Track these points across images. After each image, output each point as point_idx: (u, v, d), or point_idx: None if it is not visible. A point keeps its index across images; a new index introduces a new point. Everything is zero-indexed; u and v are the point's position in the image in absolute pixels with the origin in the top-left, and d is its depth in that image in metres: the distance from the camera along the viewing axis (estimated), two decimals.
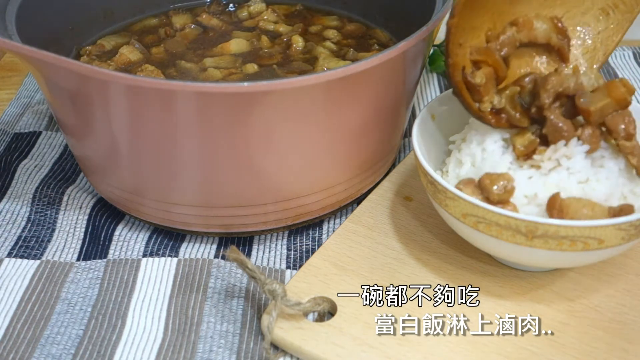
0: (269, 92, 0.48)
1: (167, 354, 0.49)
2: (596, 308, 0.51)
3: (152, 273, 0.55)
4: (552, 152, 0.49)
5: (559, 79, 0.49)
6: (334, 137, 0.53)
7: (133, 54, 0.66)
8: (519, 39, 0.53)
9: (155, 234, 0.60)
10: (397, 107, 0.58)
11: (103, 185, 0.59)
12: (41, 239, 0.59)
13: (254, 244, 0.59)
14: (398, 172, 0.64)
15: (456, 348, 0.48)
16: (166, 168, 0.53)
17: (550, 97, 0.49)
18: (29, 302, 0.53)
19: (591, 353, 0.47)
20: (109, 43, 0.69)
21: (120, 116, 0.50)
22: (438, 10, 0.57)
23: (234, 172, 0.52)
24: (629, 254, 0.55)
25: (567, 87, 0.49)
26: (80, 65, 0.47)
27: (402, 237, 0.57)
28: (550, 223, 0.45)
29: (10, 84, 0.85)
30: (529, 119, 0.51)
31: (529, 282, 0.53)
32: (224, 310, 0.52)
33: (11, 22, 0.56)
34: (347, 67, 0.48)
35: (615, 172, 0.50)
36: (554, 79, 0.49)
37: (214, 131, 0.50)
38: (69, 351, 0.49)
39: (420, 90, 0.82)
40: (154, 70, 0.63)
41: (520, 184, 0.49)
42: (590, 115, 0.49)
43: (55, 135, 0.73)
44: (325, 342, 0.48)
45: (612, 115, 0.49)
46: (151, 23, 0.74)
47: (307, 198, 0.56)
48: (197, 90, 0.47)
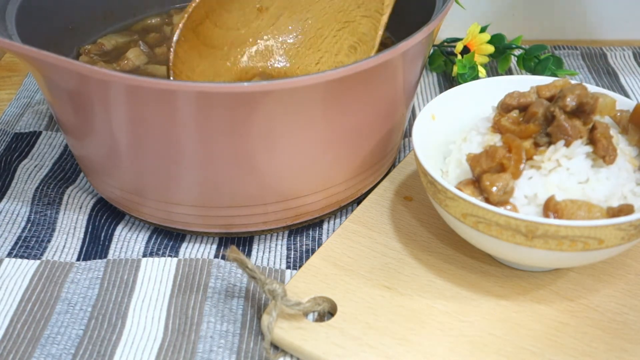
0: (269, 92, 0.48)
1: (167, 354, 0.49)
2: (596, 308, 0.51)
3: (152, 273, 0.55)
4: (552, 153, 0.50)
5: (585, 93, 0.50)
6: (334, 137, 0.53)
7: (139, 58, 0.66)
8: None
9: (155, 234, 0.60)
10: (397, 107, 0.58)
11: (103, 185, 0.59)
12: (41, 239, 0.59)
13: (254, 244, 0.59)
14: (398, 172, 0.64)
15: (456, 348, 0.48)
16: (166, 168, 0.53)
17: (573, 101, 0.49)
18: (29, 302, 0.53)
19: (591, 353, 0.47)
20: (109, 42, 0.69)
21: (120, 116, 0.50)
22: (438, 10, 0.57)
23: (234, 172, 0.52)
24: (629, 254, 0.55)
25: (587, 102, 0.49)
26: (80, 65, 0.47)
27: (402, 237, 0.57)
28: (550, 223, 0.45)
29: (10, 84, 0.85)
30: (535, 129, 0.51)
31: (529, 282, 0.53)
32: (224, 310, 0.52)
33: (11, 22, 0.56)
34: (347, 67, 0.48)
35: (615, 173, 0.50)
36: (579, 91, 0.50)
37: (214, 131, 0.50)
38: (69, 351, 0.49)
39: (420, 90, 0.82)
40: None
41: (520, 184, 0.49)
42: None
43: (55, 135, 0.73)
44: (325, 342, 0.48)
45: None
46: (152, 23, 0.74)
47: (307, 198, 0.56)
48: (197, 90, 0.47)
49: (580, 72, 0.85)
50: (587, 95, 0.50)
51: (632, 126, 0.53)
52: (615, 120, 0.54)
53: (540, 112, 0.51)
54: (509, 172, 0.49)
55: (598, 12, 0.92)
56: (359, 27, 0.64)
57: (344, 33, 0.65)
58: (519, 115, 0.53)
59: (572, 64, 0.87)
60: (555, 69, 0.79)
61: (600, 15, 0.92)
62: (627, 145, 0.52)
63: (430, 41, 0.57)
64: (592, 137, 0.50)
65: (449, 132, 0.57)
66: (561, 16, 0.92)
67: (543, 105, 0.51)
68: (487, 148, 0.50)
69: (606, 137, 0.50)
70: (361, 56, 0.64)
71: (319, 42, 0.66)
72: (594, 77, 0.84)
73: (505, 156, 0.49)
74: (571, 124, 0.49)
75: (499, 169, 0.49)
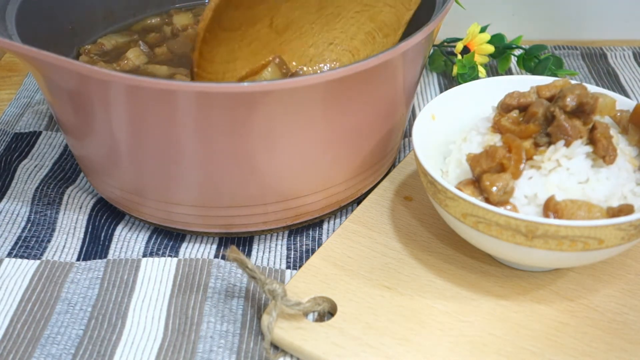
0: (269, 92, 0.48)
1: (167, 354, 0.49)
2: (596, 308, 0.51)
3: (152, 273, 0.55)
4: (552, 153, 0.50)
5: (585, 93, 0.50)
6: (334, 137, 0.53)
7: (139, 58, 0.66)
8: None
9: (155, 234, 0.60)
10: (397, 107, 0.58)
11: (103, 185, 0.59)
12: (41, 239, 0.59)
13: (254, 244, 0.59)
14: (398, 172, 0.64)
15: (456, 348, 0.48)
16: (166, 168, 0.53)
17: (573, 101, 0.49)
18: (29, 302, 0.53)
19: (591, 353, 0.47)
20: (109, 42, 0.69)
21: (120, 116, 0.50)
22: (438, 10, 0.57)
23: (234, 172, 0.52)
24: (629, 254, 0.55)
25: (587, 102, 0.49)
26: (80, 65, 0.47)
27: (402, 237, 0.57)
28: (550, 223, 0.45)
29: (10, 84, 0.85)
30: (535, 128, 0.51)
31: (529, 282, 0.53)
32: (224, 310, 0.52)
33: (11, 22, 0.56)
34: (347, 67, 0.48)
35: (615, 173, 0.50)
36: (579, 91, 0.50)
37: (214, 131, 0.50)
38: (69, 351, 0.49)
39: (420, 90, 0.82)
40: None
41: (520, 184, 0.49)
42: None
43: (55, 135, 0.73)
44: (325, 342, 0.48)
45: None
46: (152, 23, 0.74)
47: (307, 198, 0.56)
48: (197, 90, 0.47)
49: (580, 72, 0.85)
50: (587, 95, 0.50)
51: (632, 126, 0.53)
52: (615, 120, 0.54)
53: (540, 112, 0.51)
54: (509, 172, 0.49)
55: (598, 12, 0.92)
56: (380, 15, 0.63)
57: (363, 17, 0.64)
58: (519, 115, 0.53)
59: (572, 64, 0.87)
60: (555, 69, 0.79)
61: (600, 15, 0.92)
62: (627, 145, 0.52)
63: (430, 41, 0.57)
64: (592, 137, 0.50)
65: (449, 132, 0.57)
66: (561, 16, 0.92)
67: (543, 105, 0.51)
68: (487, 148, 0.50)
69: (606, 137, 0.50)
70: (379, 49, 0.63)
71: (335, 21, 0.65)
72: (594, 77, 0.84)
73: (505, 156, 0.49)
74: (571, 124, 0.49)
75: (499, 169, 0.49)
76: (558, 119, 0.49)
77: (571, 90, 0.50)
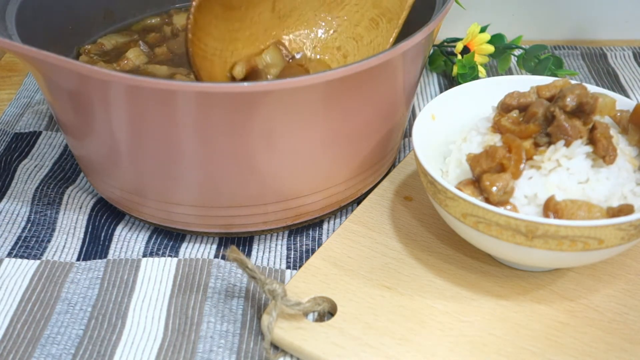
0: (269, 92, 0.48)
1: (167, 354, 0.49)
2: (596, 308, 0.51)
3: (152, 273, 0.55)
4: (552, 153, 0.50)
5: (585, 93, 0.50)
6: (334, 137, 0.53)
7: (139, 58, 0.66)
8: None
9: (155, 234, 0.60)
10: (397, 107, 0.58)
11: (103, 185, 0.59)
12: (41, 239, 0.59)
13: (254, 244, 0.59)
14: (398, 172, 0.64)
15: (456, 348, 0.48)
16: (166, 168, 0.53)
17: (573, 101, 0.49)
18: (29, 302, 0.53)
19: (591, 353, 0.47)
20: (109, 42, 0.69)
21: (120, 116, 0.50)
22: (438, 10, 0.57)
23: (234, 172, 0.52)
24: (629, 254, 0.55)
25: (587, 102, 0.49)
26: (80, 65, 0.47)
27: (402, 237, 0.57)
28: (550, 223, 0.45)
29: (10, 84, 0.85)
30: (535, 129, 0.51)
31: (529, 282, 0.53)
32: (224, 310, 0.52)
33: (11, 22, 0.56)
34: (347, 67, 0.48)
35: (615, 173, 0.50)
36: (579, 91, 0.50)
37: (214, 131, 0.50)
38: (69, 351, 0.49)
39: (420, 90, 0.82)
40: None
41: (520, 184, 0.49)
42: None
43: (55, 135, 0.73)
44: (325, 342, 0.48)
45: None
46: (152, 23, 0.74)
47: (307, 198, 0.56)
48: (197, 90, 0.47)
49: (580, 72, 0.85)
50: (587, 95, 0.50)
51: (632, 126, 0.53)
52: (615, 120, 0.54)
53: (540, 112, 0.51)
54: (509, 172, 0.49)
55: (598, 12, 0.92)
56: (384, 1, 0.63)
57: (367, 3, 0.63)
58: (519, 115, 0.53)
59: (572, 64, 0.87)
60: (555, 69, 0.79)
61: (600, 15, 0.92)
62: (627, 145, 0.52)
63: (430, 41, 0.57)
64: (592, 137, 0.50)
65: (449, 132, 0.57)
66: (561, 16, 0.92)
67: (543, 105, 0.51)
68: (487, 148, 0.50)
69: (606, 137, 0.50)
70: (383, 34, 0.62)
71: (338, 8, 0.64)
72: (594, 77, 0.84)
73: (505, 156, 0.49)
74: (571, 124, 0.49)
75: (499, 169, 0.49)
76: (558, 119, 0.49)
77: (571, 90, 0.50)
